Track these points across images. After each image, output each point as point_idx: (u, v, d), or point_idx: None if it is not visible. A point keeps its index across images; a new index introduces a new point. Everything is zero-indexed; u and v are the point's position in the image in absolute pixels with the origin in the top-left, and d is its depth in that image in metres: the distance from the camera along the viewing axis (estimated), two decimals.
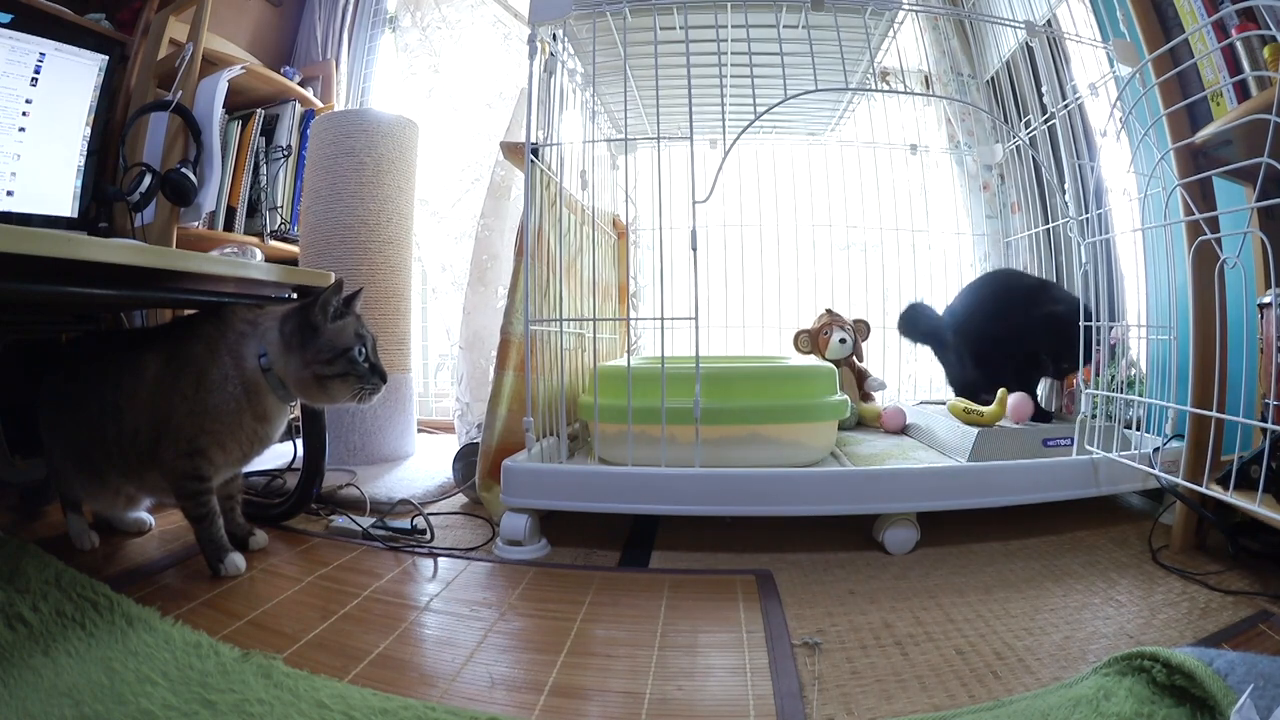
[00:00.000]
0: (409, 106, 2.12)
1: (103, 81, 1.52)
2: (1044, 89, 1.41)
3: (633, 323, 1.95)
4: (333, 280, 1.28)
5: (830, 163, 1.88)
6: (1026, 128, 1.53)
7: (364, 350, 1.01)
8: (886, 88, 1.79)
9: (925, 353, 1.67)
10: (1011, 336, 1.37)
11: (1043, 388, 1.67)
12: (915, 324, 1.60)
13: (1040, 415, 1.35)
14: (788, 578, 1.00)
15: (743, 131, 1.15)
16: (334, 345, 0.99)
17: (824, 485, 1.10)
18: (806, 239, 1.90)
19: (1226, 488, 0.97)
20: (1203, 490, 1.00)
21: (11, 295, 0.80)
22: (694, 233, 1.11)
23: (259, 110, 1.89)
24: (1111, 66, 1.23)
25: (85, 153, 1.51)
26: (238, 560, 1.00)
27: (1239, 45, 0.99)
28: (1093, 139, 1.42)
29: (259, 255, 1.76)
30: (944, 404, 1.64)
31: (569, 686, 0.71)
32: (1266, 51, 0.96)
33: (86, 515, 1.10)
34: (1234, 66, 1.00)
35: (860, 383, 1.71)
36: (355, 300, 1.05)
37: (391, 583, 0.99)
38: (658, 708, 0.67)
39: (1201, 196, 1.04)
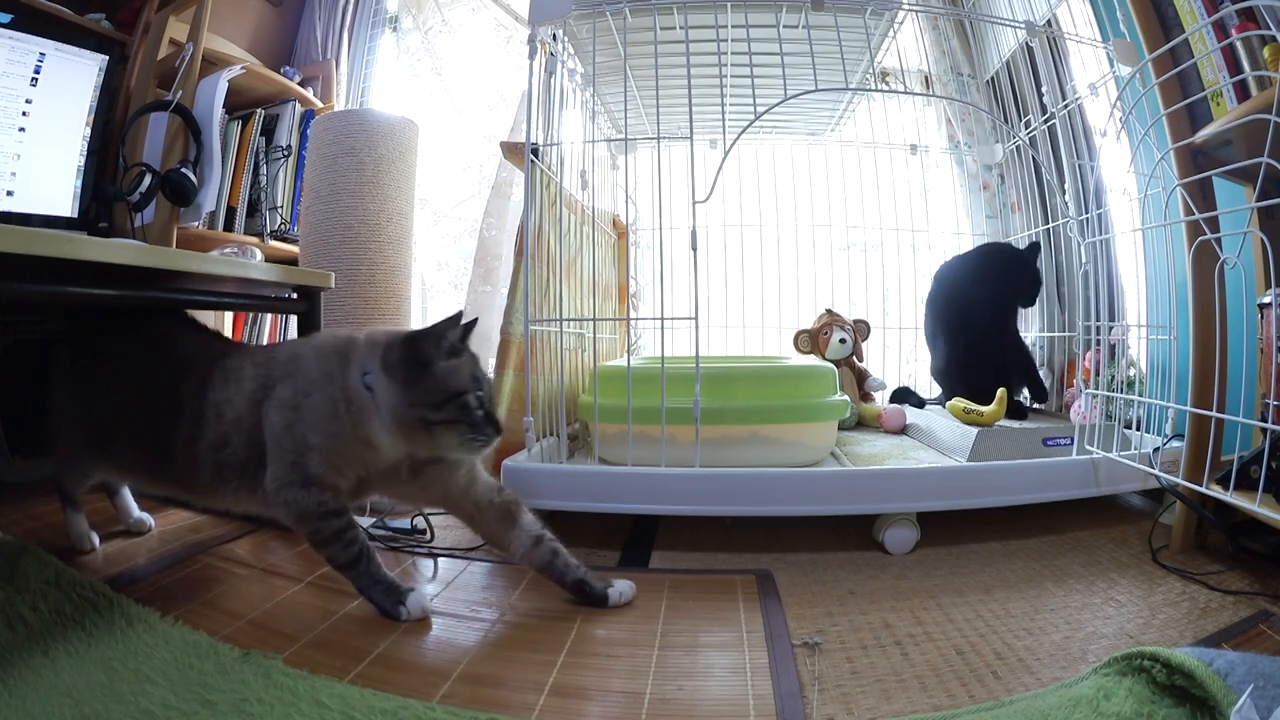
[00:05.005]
0: (411, 108, 2.12)
1: (103, 81, 1.52)
2: (1044, 89, 1.41)
3: (633, 323, 1.95)
4: (332, 280, 1.27)
5: (830, 163, 1.88)
6: (1026, 128, 1.53)
7: (479, 396, 0.86)
8: (886, 88, 1.79)
9: (924, 353, 1.68)
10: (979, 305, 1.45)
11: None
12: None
13: (1017, 411, 1.36)
14: (788, 578, 1.00)
15: (743, 131, 1.15)
16: (446, 387, 0.84)
17: (824, 485, 1.10)
18: (806, 239, 1.90)
19: (1226, 488, 0.97)
20: (1203, 490, 1.00)
21: (11, 295, 0.80)
22: (694, 233, 1.11)
23: (259, 110, 1.89)
24: (1111, 66, 1.23)
25: (85, 153, 1.51)
26: (422, 600, 0.86)
27: (1239, 45, 0.99)
28: (1093, 139, 1.42)
29: (259, 255, 1.76)
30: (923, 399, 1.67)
31: (569, 686, 0.71)
32: (1266, 51, 0.96)
33: (87, 515, 1.09)
34: (1234, 66, 1.00)
35: (860, 383, 1.71)
36: (470, 335, 0.90)
37: None
38: (658, 708, 0.67)
39: (1201, 196, 1.04)
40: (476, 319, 0.93)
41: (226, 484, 0.88)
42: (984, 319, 1.44)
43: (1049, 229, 1.58)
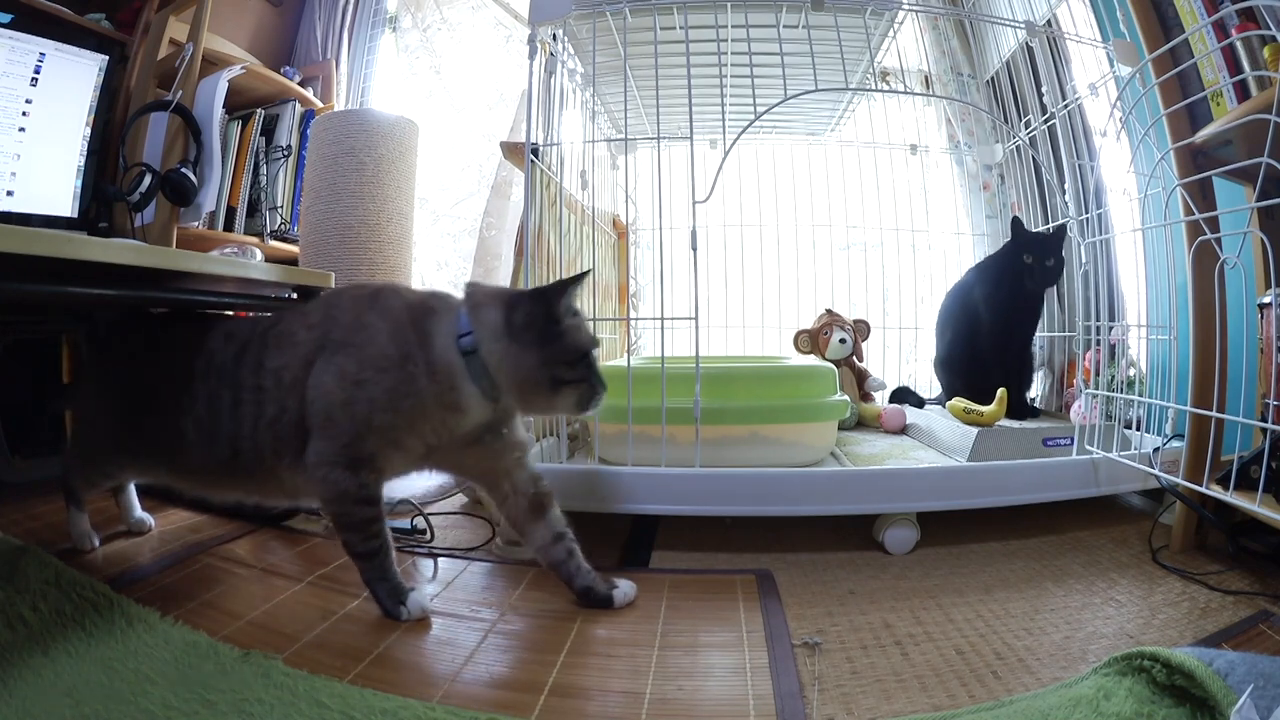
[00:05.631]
0: (410, 107, 2.12)
1: (103, 81, 1.52)
2: (1044, 89, 1.41)
3: (633, 323, 1.95)
4: (332, 280, 1.27)
5: (830, 163, 1.88)
6: (1026, 128, 1.53)
7: (595, 354, 0.88)
8: (886, 88, 1.79)
9: (925, 353, 1.68)
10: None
11: (1041, 385, 1.68)
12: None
13: (1020, 412, 1.36)
14: (788, 578, 1.00)
15: (743, 131, 1.15)
16: (577, 346, 0.84)
17: (824, 485, 1.10)
18: (806, 239, 1.90)
19: (1226, 488, 0.97)
20: (1203, 490, 1.00)
21: (11, 295, 0.80)
22: (694, 233, 1.11)
23: (259, 110, 1.89)
24: (1111, 66, 1.23)
25: (85, 153, 1.51)
26: (422, 600, 0.86)
27: (1239, 45, 0.99)
28: (1092, 139, 1.42)
29: (259, 255, 1.76)
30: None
31: (569, 686, 0.71)
32: (1266, 51, 0.96)
33: (90, 515, 1.09)
34: (1234, 66, 1.00)
35: (860, 383, 1.71)
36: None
37: None
38: (658, 707, 0.67)
39: (1201, 196, 1.04)
40: (587, 272, 0.93)
41: (281, 460, 0.85)
42: (992, 319, 1.43)
43: (1049, 229, 1.58)
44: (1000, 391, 1.28)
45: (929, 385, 1.79)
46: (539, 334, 0.83)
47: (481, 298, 0.85)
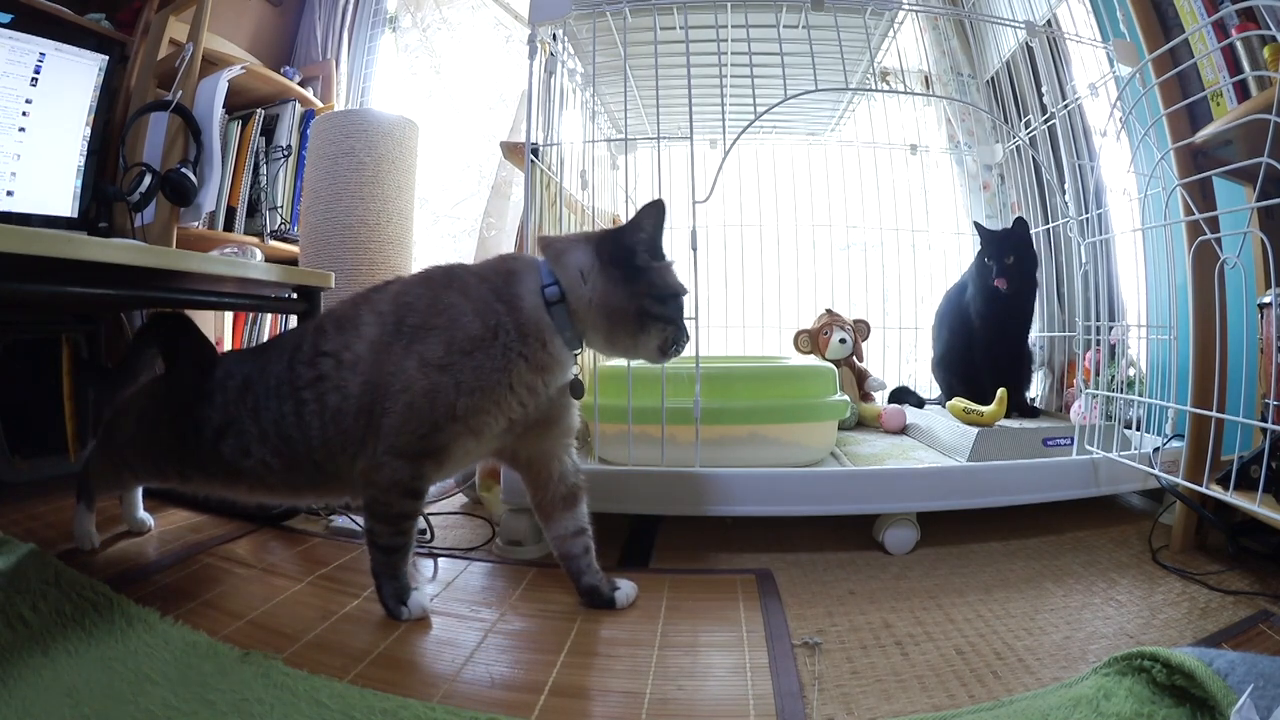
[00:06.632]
0: (410, 107, 2.12)
1: (103, 81, 1.52)
2: (1044, 89, 1.41)
3: None
4: (332, 280, 1.26)
5: (830, 163, 1.88)
6: (1026, 128, 1.53)
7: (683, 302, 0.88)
8: (886, 88, 1.79)
9: (925, 353, 1.68)
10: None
11: (1041, 385, 1.68)
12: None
13: (1026, 411, 1.37)
14: (788, 577, 1.00)
15: (743, 131, 1.15)
16: (668, 283, 0.85)
17: (824, 485, 1.10)
18: (806, 239, 1.90)
19: (1226, 488, 0.97)
20: (1203, 490, 1.00)
21: (11, 295, 0.80)
22: (694, 233, 1.11)
23: (259, 110, 1.89)
24: (1111, 66, 1.23)
25: (85, 153, 1.51)
26: (423, 600, 0.86)
27: (1239, 45, 0.99)
28: (1092, 139, 1.42)
29: (259, 255, 1.76)
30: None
31: (569, 686, 0.71)
32: (1266, 51, 0.96)
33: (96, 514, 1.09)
34: (1234, 66, 1.00)
35: (860, 383, 1.70)
36: None
37: None
38: (658, 707, 0.67)
39: (1201, 196, 1.04)
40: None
41: (346, 452, 0.83)
42: (978, 320, 1.45)
43: (1049, 229, 1.58)
44: (1000, 391, 1.28)
45: (929, 385, 1.79)
46: (634, 266, 0.83)
47: (564, 244, 0.85)
